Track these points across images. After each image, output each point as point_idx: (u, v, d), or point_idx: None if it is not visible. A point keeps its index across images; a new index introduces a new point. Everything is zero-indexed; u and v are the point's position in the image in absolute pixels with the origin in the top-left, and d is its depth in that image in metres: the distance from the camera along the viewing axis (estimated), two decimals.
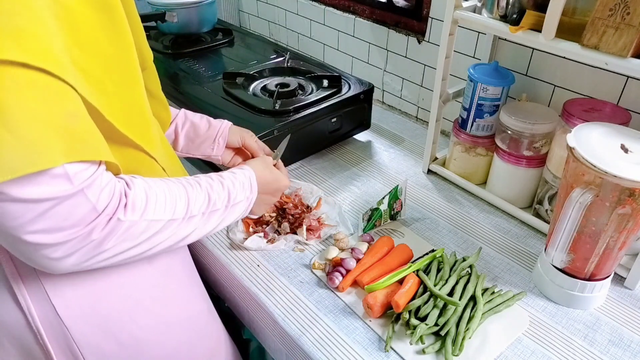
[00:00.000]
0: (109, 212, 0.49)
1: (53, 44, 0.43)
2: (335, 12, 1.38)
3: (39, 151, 0.42)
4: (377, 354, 0.68)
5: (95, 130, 0.48)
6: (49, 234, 0.45)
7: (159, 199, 0.55)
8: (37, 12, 0.42)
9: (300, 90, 1.11)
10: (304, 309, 0.74)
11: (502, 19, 0.79)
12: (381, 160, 1.11)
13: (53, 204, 0.45)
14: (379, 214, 0.87)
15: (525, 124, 0.85)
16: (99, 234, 0.49)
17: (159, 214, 0.55)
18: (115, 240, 0.51)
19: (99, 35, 0.49)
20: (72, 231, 0.47)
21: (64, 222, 0.46)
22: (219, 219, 0.64)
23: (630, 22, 0.63)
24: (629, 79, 0.85)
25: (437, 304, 0.69)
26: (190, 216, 0.59)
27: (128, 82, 0.54)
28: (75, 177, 0.45)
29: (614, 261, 0.71)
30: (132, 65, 0.55)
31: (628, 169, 0.60)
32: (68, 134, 0.44)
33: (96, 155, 0.48)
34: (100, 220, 0.48)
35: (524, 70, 0.99)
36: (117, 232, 0.50)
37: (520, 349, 0.69)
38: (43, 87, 0.42)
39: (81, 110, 0.46)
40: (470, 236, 0.89)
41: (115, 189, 0.51)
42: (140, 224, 0.53)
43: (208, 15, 1.40)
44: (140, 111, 0.58)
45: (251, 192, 0.69)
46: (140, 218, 0.52)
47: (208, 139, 0.84)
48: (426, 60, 1.20)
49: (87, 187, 0.47)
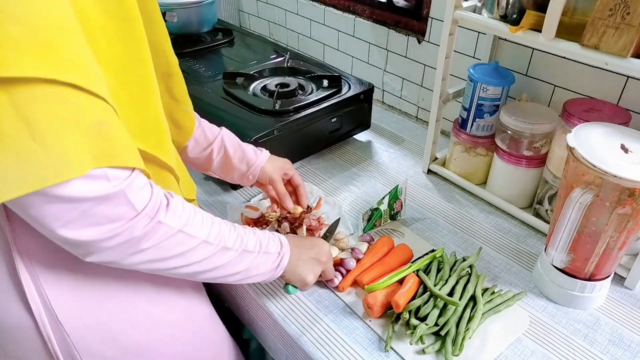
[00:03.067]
0: (148, 212, 0.51)
1: (83, 56, 0.44)
2: (335, 12, 1.38)
3: (67, 161, 0.43)
4: (377, 354, 0.68)
5: (127, 137, 0.49)
6: (89, 231, 0.47)
7: (197, 217, 0.57)
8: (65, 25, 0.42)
9: (300, 90, 1.11)
10: (304, 309, 0.74)
11: (502, 19, 0.79)
12: (381, 160, 1.11)
13: (94, 204, 0.46)
14: (379, 214, 0.87)
15: (525, 124, 0.85)
16: (140, 232, 0.50)
17: (195, 230, 0.56)
18: (153, 242, 0.52)
19: (116, 45, 0.50)
20: (112, 227, 0.48)
21: (104, 219, 0.48)
22: (250, 264, 0.63)
23: (630, 22, 0.63)
24: (629, 79, 0.85)
25: (437, 304, 0.69)
26: (224, 247, 0.60)
27: (143, 93, 0.55)
28: (114, 178, 0.47)
29: (614, 261, 0.71)
30: (148, 75, 0.55)
31: (628, 169, 0.60)
32: (97, 142, 0.46)
33: (125, 162, 0.49)
34: (140, 219, 0.50)
35: (524, 70, 0.99)
36: (156, 233, 0.52)
37: (520, 349, 0.69)
38: (73, 101, 0.43)
39: (113, 118, 0.47)
40: (470, 236, 0.89)
41: (154, 191, 0.52)
42: (178, 235, 0.54)
43: (208, 15, 1.40)
44: (155, 121, 0.58)
45: (282, 247, 0.68)
46: (179, 226, 0.54)
47: (239, 171, 0.83)
48: (426, 60, 1.20)
49: (127, 187, 0.48)
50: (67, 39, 0.43)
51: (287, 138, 0.99)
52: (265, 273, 0.66)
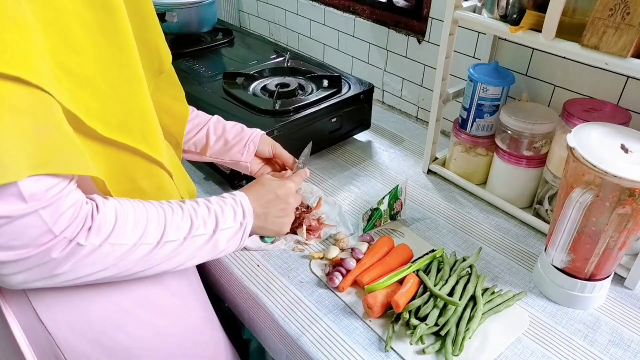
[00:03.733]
0: (68, 235, 0.47)
1: (29, 49, 0.41)
2: (335, 12, 1.38)
3: (4, 164, 0.41)
4: (377, 354, 0.68)
5: (71, 142, 0.46)
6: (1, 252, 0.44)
7: (128, 222, 0.53)
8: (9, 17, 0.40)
9: (300, 90, 1.11)
10: (304, 309, 0.74)
11: (502, 19, 0.79)
12: (381, 160, 1.11)
13: (4, 222, 0.43)
14: (379, 214, 0.87)
15: (525, 124, 0.85)
16: (57, 255, 0.47)
17: (126, 237, 0.53)
18: (72, 265, 0.49)
19: (95, 36, 0.48)
20: (23, 251, 0.45)
21: (14, 241, 0.45)
22: (203, 246, 0.61)
23: (630, 22, 0.63)
24: (629, 79, 0.85)
25: (437, 304, 0.69)
26: (166, 241, 0.57)
27: (127, 83, 0.53)
28: (30, 197, 0.43)
29: (614, 261, 0.71)
30: (132, 65, 0.53)
31: (628, 169, 0.60)
32: (37, 147, 0.43)
33: (65, 169, 0.46)
34: (57, 242, 0.47)
35: (524, 70, 0.99)
36: (75, 256, 0.49)
37: (520, 349, 0.69)
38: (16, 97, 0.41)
39: (56, 120, 0.44)
40: (470, 236, 0.89)
41: (81, 212, 0.49)
42: (103, 248, 0.51)
43: (208, 15, 1.40)
44: (141, 113, 0.56)
45: (244, 217, 0.66)
46: (104, 242, 0.50)
47: (238, 143, 0.82)
48: (426, 60, 1.20)
49: (43, 209, 0.45)
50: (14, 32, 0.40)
51: (287, 138, 0.99)
52: (229, 247, 0.65)
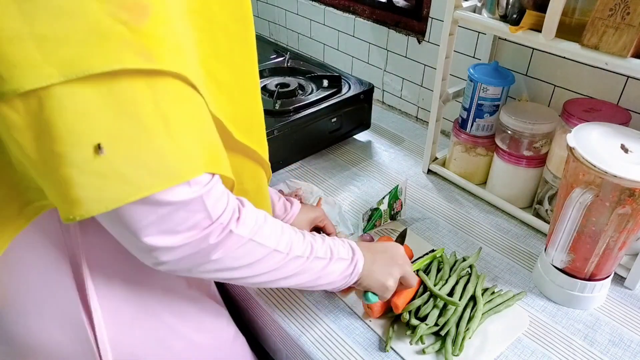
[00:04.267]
0: (222, 222, 0.49)
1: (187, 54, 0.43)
2: (335, 12, 1.38)
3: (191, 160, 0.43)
4: (377, 354, 0.68)
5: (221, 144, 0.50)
6: (165, 237, 0.45)
7: (267, 226, 0.55)
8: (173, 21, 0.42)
9: (300, 90, 1.11)
10: (304, 309, 0.74)
11: (502, 19, 0.79)
12: (381, 160, 1.11)
13: (173, 209, 0.44)
14: (379, 214, 0.87)
15: (525, 124, 0.85)
16: (212, 241, 0.49)
17: (265, 239, 0.54)
18: (223, 252, 0.50)
19: (234, 45, 0.51)
20: (187, 235, 0.47)
21: (180, 226, 0.46)
22: (322, 272, 0.62)
23: (630, 22, 0.63)
24: (629, 79, 0.85)
25: (437, 304, 0.69)
26: (294, 256, 0.58)
27: (252, 90, 0.56)
28: (194, 184, 0.45)
29: (614, 261, 0.71)
30: (255, 73, 0.57)
31: (628, 169, 0.60)
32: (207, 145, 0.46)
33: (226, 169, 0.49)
34: (215, 228, 0.48)
35: (524, 70, 0.99)
36: (227, 244, 0.50)
37: (520, 349, 0.69)
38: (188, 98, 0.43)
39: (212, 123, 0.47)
40: (470, 236, 0.89)
41: (230, 201, 0.51)
42: (248, 244, 0.52)
43: None
44: (259, 118, 0.59)
45: (354, 253, 0.66)
46: (249, 235, 0.52)
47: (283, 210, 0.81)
48: (426, 60, 1.20)
49: (205, 195, 0.46)
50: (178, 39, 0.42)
51: (287, 138, 0.99)
52: (340, 280, 0.64)
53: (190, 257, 0.48)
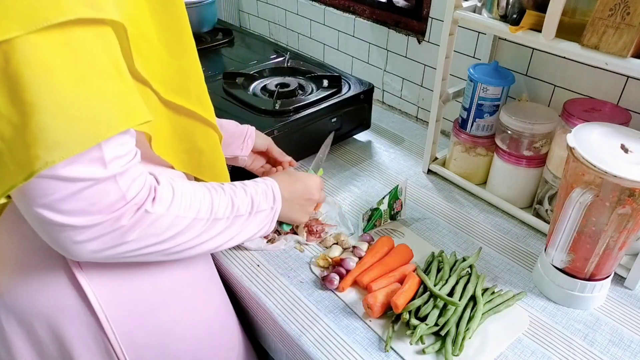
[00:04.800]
0: (137, 202, 0.50)
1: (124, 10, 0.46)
2: (335, 12, 1.38)
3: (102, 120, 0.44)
4: (377, 354, 0.68)
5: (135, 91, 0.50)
6: (76, 216, 0.46)
7: (185, 197, 0.56)
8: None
9: (300, 90, 1.11)
10: (304, 309, 0.74)
11: (502, 19, 0.79)
12: (381, 160, 1.11)
13: (86, 186, 0.46)
14: (379, 214, 0.87)
15: (525, 124, 0.85)
16: (126, 222, 0.50)
17: (184, 210, 0.56)
18: (139, 233, 0.51)
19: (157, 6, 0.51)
20: (99, 216, 0.48)
21: (92, 206, 0.47)
22: (242, 227, 0.64)
23: (630, 22, 0.63)
24: (629, 79, 0.85)
25: (437, 304, 0.69)
26: (215, 218, 0.60)
27: (183, 51, 0.57)
28: (110, 162, 0.46)
29: (614, 261, 0.71)
30: (186, 35, 0.57)
31: (628, 169, 0.60)
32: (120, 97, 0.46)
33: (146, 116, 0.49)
34: (128, 209, 0.49)
35: (524, 70, 0.99)
36: (143, 223, 0.51)
37: (520, 349, 0.69)
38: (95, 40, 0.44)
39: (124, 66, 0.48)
40: (470, 236, 0.89)
41: (146, 182, 0.52)
42: (166, 218, 0.54)
43: (208, 15, 1.40)
44: (197, 80, 0.60)
45: (274, 202, 0.69)
46: (166, 211, 0.53)
47: (237, 139, 0.85)
48: (426, 60, 1.20)
49: (120, 175, 0.48)
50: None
51: (287, 138, 0.99)
52: (260, 231, 0.68)
53: (104, 239, 0.49)
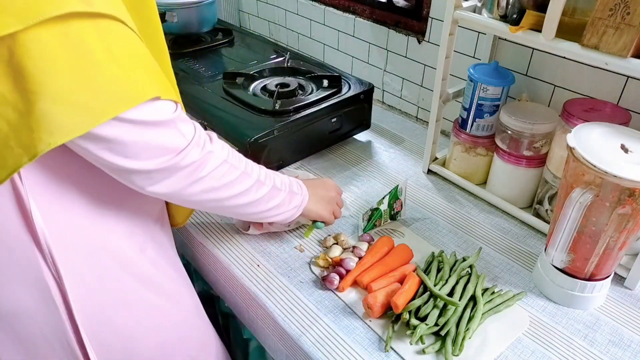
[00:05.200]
0: (198, 142, 0.56)
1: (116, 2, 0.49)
2: (335, 12, 1.38)
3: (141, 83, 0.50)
4: (377, 354, 0.68)
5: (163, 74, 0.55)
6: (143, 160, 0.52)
7: (233, 151, 0.63)
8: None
9: (300, 90, 1.11)
10: (304, 309, 0.74)
11: (502, 19, 0.79)
12: (381, 160, 1.11)
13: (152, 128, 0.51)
14: (379, 214, 0.87)
15: (525, 124, 0.85)
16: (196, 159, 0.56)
17: (236, 160, 0.63)
18: (207, 170, 0.58)
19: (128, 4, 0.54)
20: (165, 159, 0.53)
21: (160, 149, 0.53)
22: (280, 200, 0.71)
23: (630, 22, 0.63)
24: (629, 79, 0.85)
25: (437, 304, 0.69)
26: (259, 180, 0.66)
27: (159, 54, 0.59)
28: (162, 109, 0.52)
29: (614, 261, 0.71)
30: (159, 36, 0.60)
31: (628, 169, 0.60)
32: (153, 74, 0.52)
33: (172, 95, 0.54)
34: (192, 149, 0.55)
35: (524, 70, 0.99)
36: (208, 161, 0.58)
37: (520, 349, 0.69)
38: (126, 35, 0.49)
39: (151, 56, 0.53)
40: (470, 236, 0.89)
41: (196, 125, 0.57)
42: (224, 165, 0.60)
43: (208, 15, 1.40)
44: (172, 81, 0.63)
45: (301, 189, 0.76)
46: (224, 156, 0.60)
47: None
48: (426, 60, 1.20)
49: (178, 118, 0.54)
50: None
51: (287, 138, 0.99)
52: (290, 211, 0.74)
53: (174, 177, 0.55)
